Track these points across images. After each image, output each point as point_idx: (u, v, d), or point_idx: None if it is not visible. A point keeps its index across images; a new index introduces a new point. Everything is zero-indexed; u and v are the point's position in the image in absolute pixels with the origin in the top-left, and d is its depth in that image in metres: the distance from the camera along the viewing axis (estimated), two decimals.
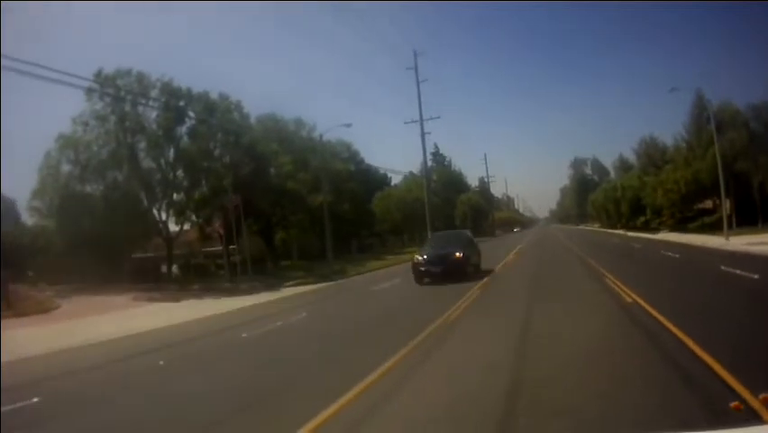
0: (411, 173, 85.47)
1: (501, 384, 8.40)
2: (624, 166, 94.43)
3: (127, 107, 39.68)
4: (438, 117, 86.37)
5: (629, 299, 15.41)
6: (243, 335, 16.94)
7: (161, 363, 13.81)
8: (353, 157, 68.19)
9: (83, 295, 32.76)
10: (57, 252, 40.87)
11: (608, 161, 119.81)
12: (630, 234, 61.49)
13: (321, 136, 47.58)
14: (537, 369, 9.25)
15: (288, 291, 32.35)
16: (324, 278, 38.37)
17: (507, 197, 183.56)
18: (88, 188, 40.36)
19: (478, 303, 18.42)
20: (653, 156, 72.11)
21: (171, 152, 40.85)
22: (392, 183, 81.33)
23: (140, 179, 39.89)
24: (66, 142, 39.15)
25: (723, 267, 21.50)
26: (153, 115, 40.47)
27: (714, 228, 43.77)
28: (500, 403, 7.52)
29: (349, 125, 75.97)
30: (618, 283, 18.88)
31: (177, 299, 30.96)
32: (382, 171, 77.55)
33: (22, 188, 64.78)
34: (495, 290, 21.83)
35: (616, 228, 78.37)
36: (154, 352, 15.34)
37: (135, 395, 10.68)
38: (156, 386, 11.33)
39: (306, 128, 55.91)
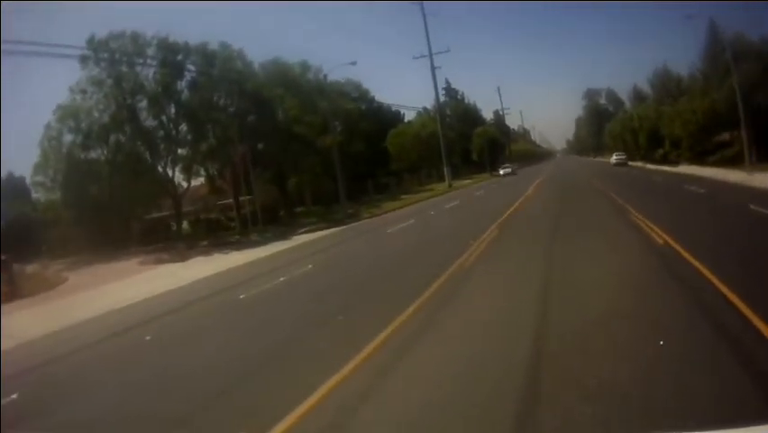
0: (425, 109, 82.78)
1: (521, 352, 7.09)
2: (639, 96, 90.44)
3: (124, 68, 37.73)
4: (447, 51, 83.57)
5: (660, 241, 13.55)
6: (241, 296, 15.60)
7: (148, 338, 12.61)
8: (363, 96, 65.07)
9: (92, 265, 31.49)
10: (67, 223, 39.67)
11: (623, 92, 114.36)
12: (649, 166, 58.77)
13: (325, 76, 45.41)
14: (560, 329, 7.91)
15: (298, 240, 31.11)
16: (336, 223, 36.98)
17: (524, 129, 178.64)
18: (93, 155, 38.78)
19: (496, 245, 16.81)
20: (669, 86, 68.78)
21: (173, 108, 39.00)
22: (406, 120, 78.69)
23: (143, 139, 38.28)
24: (65, 113, 37.49)
25: (752, 206, 19.06)
26: (151, 73, 38.53)
27: (734, 162, 41.09)
28: (519, 377, 6.29)
29: (354, 63, 72.20)
30: (647, 222, 16.79)
31: (184, 258, 29.49)
32: (395, 109, 75.07)
33: (23, 164, 63.64)
34: (514, 229, 20.09)
35: (634, 160, 75.51)
36: (143, 324, 14.05)
37: (110, 378, 9.55)
38: (133, 367, 10.13)
39: (312, 70, 52.37)
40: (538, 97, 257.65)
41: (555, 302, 9.45)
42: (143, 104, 38.23)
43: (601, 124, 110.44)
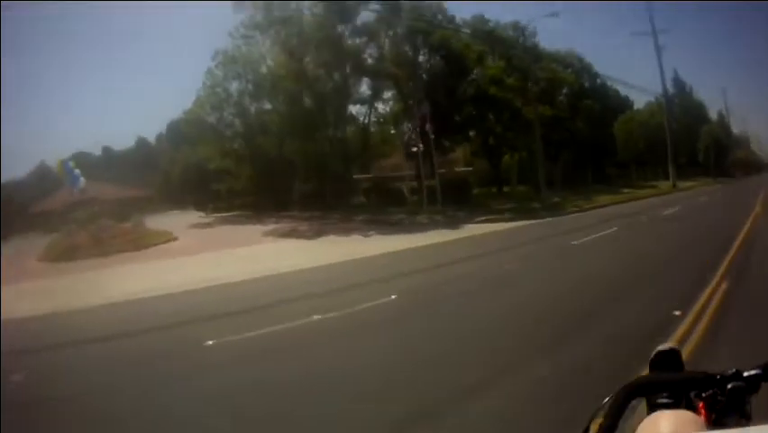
0: (657, 98, 69.48)
1: None
2: None
3: (282, 12, 31.91)
4: (668, 30, 70.38)
5: None
6: (206, 343, 8.60)
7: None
8: (586, 70, 53.75)
9: (228, 224, 27.54)
10: (236, 176, 36.44)
11: None
12: None
13: (523, 31, 36.23)
14: None
15: (467, 231, 23.54)
16: (529, 214, 28.44)
17: (747, 135, 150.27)
18: (267, 106, 34.49)
19: (722, 332, 7.33)
20: None
21: (339, 59, 32.68)
22: (634, 107, 65.90)
23: (311, 93, 32.81)
24: (227, 58, 33.46)
25: None
26: (318, 17, 32.31)
27: None
28: None
29: (556, 15, 58.64)
30: None
31: (317, 235, 23.90)
32: (623, 93, 62.60)
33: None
34: (753, 284, 9.75)
35: None
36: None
37: None
38: None
39: (526, 34, 42.85)
40: (755, 103, 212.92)
41: None
42: (309, 53, 32.55)
43: None
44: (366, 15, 32.76)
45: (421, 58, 34.14)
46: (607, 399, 1.20)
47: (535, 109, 34.39)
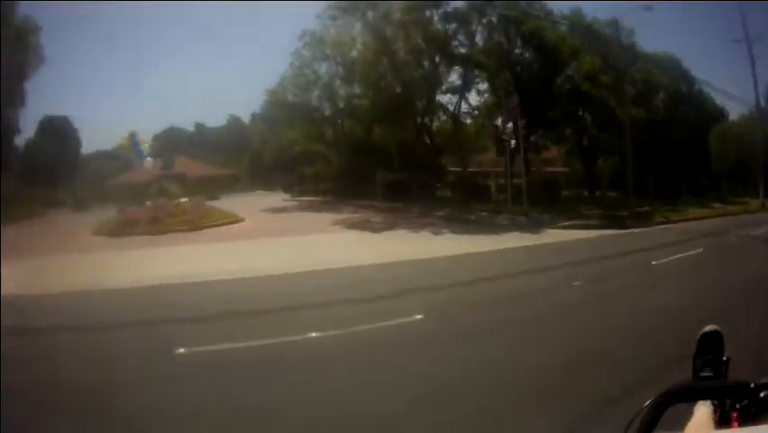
0: (750, 110, 63.06)
1: None
2: None
3: None
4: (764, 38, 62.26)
5: None
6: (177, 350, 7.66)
7: None
8: (684, 76, 50.08)
9: (304, 210, 27.20)
10: (323, 160, 36.08)
11: None
12: None
13: (617, 26, 33.17)
14: None
15: (547, 236, 21.89)
16: (615, 222, 26.19)
17: None
18: (357, 90, 33.71)
19: None
20: None
21: (426, 45, 31.23)
22: (730, 118, 60.71)
23: (399, 78, 31.56)
24: (314, 39, 32.80)
25: None
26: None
27: None
28: None
29: (650, 9, 51.81)
30: None
31: (386, 228, 23.09)
32: (719, 102, 57.68)
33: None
34: None
35: None
36: None
37: None
38: None
39: (624, 33, 40.19)
40: None
41: None
42: (398, 36, 31.21)
43: None
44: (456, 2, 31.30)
45: (516, 49, 32.34)
46: (646, 404, 1.23)
47: (629, 110, 31.71)
